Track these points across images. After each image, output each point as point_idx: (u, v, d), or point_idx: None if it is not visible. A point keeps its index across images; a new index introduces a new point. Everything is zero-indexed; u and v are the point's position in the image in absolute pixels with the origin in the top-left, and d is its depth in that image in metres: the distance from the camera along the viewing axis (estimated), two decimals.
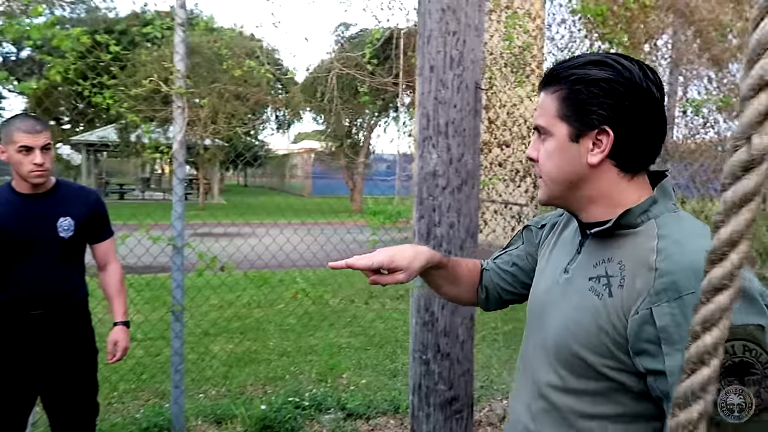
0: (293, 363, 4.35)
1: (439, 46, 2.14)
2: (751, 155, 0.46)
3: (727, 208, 0.48)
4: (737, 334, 0.81)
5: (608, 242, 1.00)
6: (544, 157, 1.03)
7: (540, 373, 1.05)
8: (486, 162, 3.55)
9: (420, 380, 2.36)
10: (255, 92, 3.94)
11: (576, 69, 0.98)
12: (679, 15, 3.41)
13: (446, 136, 2.18)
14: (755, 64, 0.46)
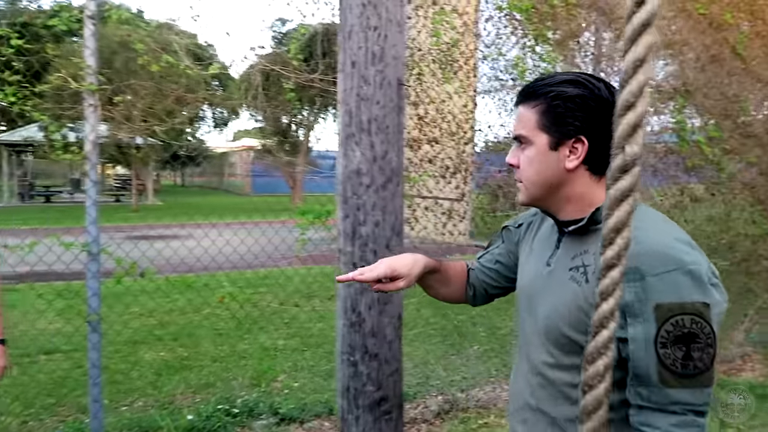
0: (226, 369, 4.22)
1: (361, 41, 2.09)
2: (625, 160, 0.57)
3: (611, 203, 0.59)
4: (686, 309, 0.98)
5: (583, 237, 1.15)
6: (524, 163, 1.17)
7: (535, 354, 1.20)
8: (416, 159, 3.54)
9: (348, 382, 2.31)
10: (175, 89, 3.79)
11: (553, 86, 1.13)
12: (601, 13, 3.50)
13: (369, 133, 2.13)
14: (625, 86, 0.56)
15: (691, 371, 0.98)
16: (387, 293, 2.02)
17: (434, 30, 2.99)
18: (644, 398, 1.02)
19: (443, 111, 3.46)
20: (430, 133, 3.48)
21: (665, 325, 0.99)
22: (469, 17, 3.39)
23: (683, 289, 0.99)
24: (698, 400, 0.99)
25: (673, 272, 1.00)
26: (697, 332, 0.98)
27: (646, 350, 1.00)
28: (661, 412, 1.00)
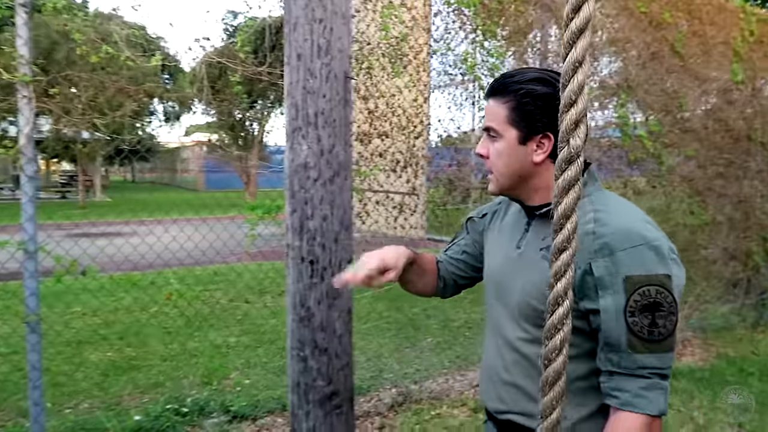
0: (176, 367, 4.13)
1: (306, 33, 2.07)
2: (570, 152, 0.63)
3: (559, 192, 0.64)
4: (652, 280, 1.07)
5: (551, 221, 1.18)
6: (494, 155, 1.24)
7: (508, 331, 1.27)
8: (367, 153, 3.54)
9: (298, 378, 2.30)
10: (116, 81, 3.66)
11: (523, 84, 1.20)
12: (546, 9, 3.58)
13: (316, 126, 2.12)
14: (566, 85, 0.62)
15: (656, 337, 1.07)
16: (338, 289, 1.99)
17: (383, 24, 2.99)
18: (614, 364, 1.09)
19: (393, 105, 3.47)
20: (380, 127, 3.49)
21: (633, 295, 1.07)
22: (417, 12, 3.40)
23: (648, 262, 1.09)
24: (663, 364, 1.08)
25: (639, 247, 1.10)
26: (661, 301, 1.07)
27: (616, 319, 1.08)
28: (630, 377, 1.08)
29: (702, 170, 4.83)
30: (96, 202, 20.11)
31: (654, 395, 1.07)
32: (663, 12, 4.38)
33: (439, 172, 3.73)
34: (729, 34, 4.88)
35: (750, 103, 5.12)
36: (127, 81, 3.94)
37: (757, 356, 4.55)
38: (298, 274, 2.22)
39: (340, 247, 2.23)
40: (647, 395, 1.07)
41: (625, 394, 1.08)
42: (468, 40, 3.44)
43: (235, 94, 2.85)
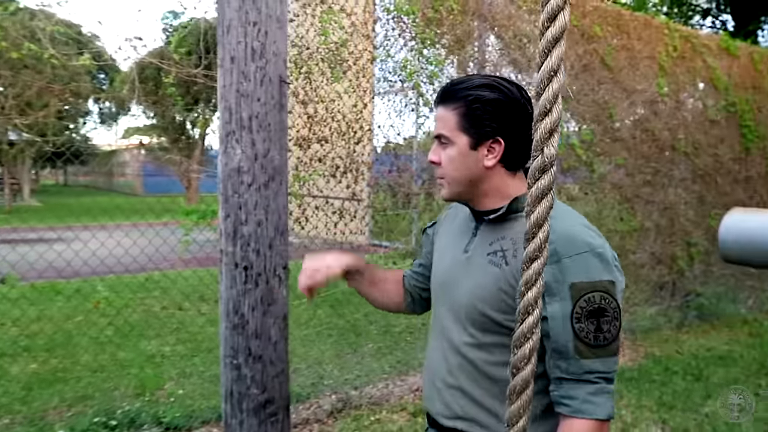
0: (106, 379, 3.96)
1: (240, 36, 2.04)
2: (544, 162, 0.62)
3: (532, 200, 0.63)
4: (597, 287, 1.09)
5: (500, 225, 1.25)
6: (446, 161, 1.25)
7: (453, 335, 1.27)
8: (306, 158, 3.52)
9: (232, 386, 2.25)
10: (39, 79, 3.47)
11: (472, 90, 1.22)
12: (483, 20, 3.67)
13: (250, 130, 2.09)
14: (541, 94, 0.62)
15: (601, 342, 1.09)
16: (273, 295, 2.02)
17: (322, 29, 2.99)
18: (563, 370, 1.11)
19: (333, 110, 3.46)
20: (319, 132, 3.47)
21: (579, 301, 1.09)
22: (357, 18, 3.42)
23: (593, 269, 1.11)
24: (608, 368, 1.10)
25: (584, 254, 1.12)
26: (606, 307, 1.10)
27: (563, 326, 1.10)
28: (577, 382, 1.10)
29: (630, 178, 5.06)
30: (23, 206, 19.09)
31: (602, 400, 1.09)
32: (594, 26, 4.58)
33: (379, 177, 3.75)
34: (654, 48, 5.14)
35: (674, 114, 5.41)
36: (52, 79, 3.74)
37: (681, 355, 4.79)
38: (232, 280, 2.17)
39: (275, 252, 2.20)
40: (595, 400, 1.09)
41: (575, 401, 1.10)
42: (407, 47, 3.49)
43: (169, 96, 2.77)
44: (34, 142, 13.04)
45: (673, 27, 5.44)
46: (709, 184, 5.75)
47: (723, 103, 5.80)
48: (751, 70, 6.12)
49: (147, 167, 25.20)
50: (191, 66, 2.91)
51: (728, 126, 5.88)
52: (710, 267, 5.83)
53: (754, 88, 6.14)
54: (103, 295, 4.31)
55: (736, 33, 13.20)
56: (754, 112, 6.08)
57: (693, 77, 5.59)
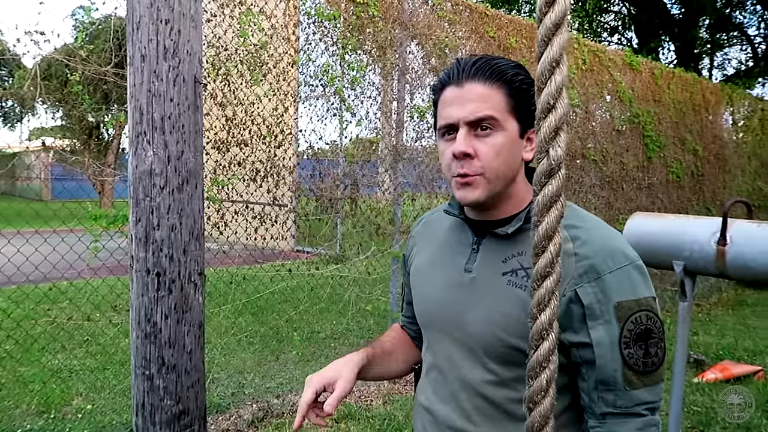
0: (5, 397, 3.68)
1: (151, 34, 1.97)
2: (550, 164, 0.55)
3: (540, 210, 0.55)
4: (642, 306, 0.96)
5: (512, 238, 1.04)
6: (490, 153, 0.99)
7: (467, 373, 1.06)
8: (224, 161, 3.44)
9: (144, 398, 2.15)
10: None
11: (511, 69, 1.00)
12: (404, 28, 3.72)
13: (163, 131, 2.02)
14: (542, 90, 0.55)
15: (650, 368, 0.96)
16: (190, 304, 1.87)
17: (241, 30, 2.93)
18: (610, 404, 0.96)
19: (252, 113, 3.40)
20: (239, 135, 3.40)
21: (627, 323, 0.95)
22: (278, 20, 3.38)
23: (636, 284, 0.97)
24: (656, 397, 0.98)
25: (625, 267, 0.97)
26: (652, 327, 0.97)
27: (611, 353, 0.95)
28: (625, 417, 0.96)
29: None
30: None
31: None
32: (510, 38, 4.76)
33: (301, 182, 3.72)
34: None
35: (584, 124, 5.72)
36: None
37: None
38: (143, 287, 2.09)
39: (190, 258, 2.13)
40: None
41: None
42: (329, 52, 3.49)
43: (75, 95, 2.62)
44: None
45: (583, 41, 5.76)
46: (616, 190, 6.11)
47: (628, 114, 6.19)
48: (652, 84, 6.58)
49: (55, 171, 23.72)
50: (101, 64, 2.76)
51: (632, 136, 6.29)
52: None
53: (655, 101, 6.60)
54: (1, 306, 3.98)
55: (640, 50, 14.16)
56: (655, 124, 6.53)
57: (601, 90, 5.94)
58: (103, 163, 16.22)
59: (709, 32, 17.05)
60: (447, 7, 4.16)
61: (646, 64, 6.54)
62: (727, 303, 7.34)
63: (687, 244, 2.61)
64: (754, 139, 8.82)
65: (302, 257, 4.30)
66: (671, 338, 5.43)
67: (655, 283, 5.81)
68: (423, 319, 1.19)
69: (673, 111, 6.84)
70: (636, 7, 16.51)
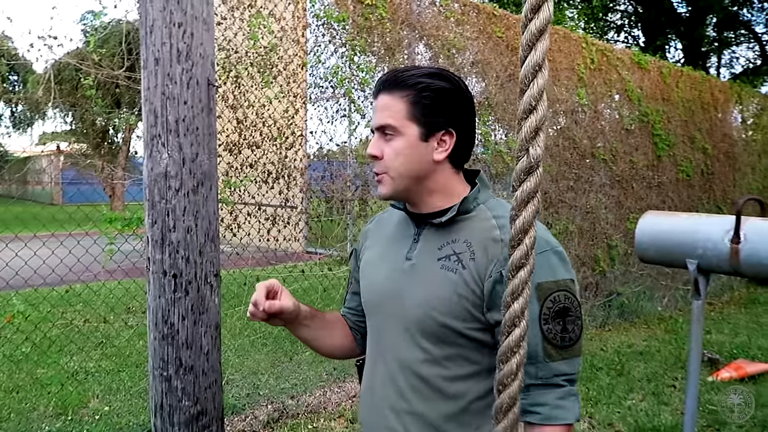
0: (24, 399, 3.72)
1: (164, 37, 1.99)
2: (529, 162, 0.58)
3: (518, 204, 0.59)
4: (560, 286, 1.07)
5: (447, 228, 1.15)
6: (391, 154, 1.13)
7: (402, 353, 1.16)
8: (236, 163, 3.46)
9: (162, 399, 2.17)
10: None
11: (421, 78, 1.12)
12: (412, 29, 3.74)
13: (177, 134, 2.04)
14: (525, 92, 0.58)
15: (568, 343, 1.07)
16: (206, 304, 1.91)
17: (251, 33, 2.95)
18: (532, 376, 1.05)
19: (263, 115, 3.43)
20: (250, 137, 3.43)
21: (546, 302, 1.06)
22: (287, 23, 3.40)
23: (556, 268, 1.08)
24: (573, 370, 1.08)
25: (546, 253, 1.07)
26: (569, 306, 1.07)
27: (532, 328, 1.03)
28: (546, 387, 1.06)
29: (555, 184, 5.29)
30: None
31: (570, 404, 1.06)
32: (518, 38, 4.77)
33: (312, 183, 3.74)
34: (574, 61, 5.41)
35: (593, 123, 5.70)
36: None
37: (605, 352, 5.03)
38: (160, 288, 2.11)
39: (206, 259, 2.15)
40: (564, 405, 1.06)
41: (545, 408, 1.05)
42: (338, 54, 3.50)
43: (88, 99, 2.64)
44: None
45: (590, 41, 5.76)
46: (626, 189, 6.09)
47: (637, 113, 6.17)
48: (661, 83, 6.55)
49: (67, 175, 23.90)
50: (113, 67, 2.80)
51: (642, 135, 6.27)
52: (629, 268, 6.17)
53: (663, 99, 6.57)
54: (19, 309, 4.03)
55: (646, 48, 14.09)
56: (664, 122, 6.51)
57: (609, 89, 5.92)
58: (116, 166, 16.34)
59: (716, 30, 16.95)
60: (455, 7, 4.18)
61: (654, 63, 6.52)
62: (739, 301, 7.29)
63: (700, 243, 2.59)
64: (764, 136, 8.77)
65: (314, 258, 4.33)
66: (684, 337, 5.43)
67: (666, 282, 5.77)
68: (369, 306, 1.28)
69: (682, 109, 6.81)
70: (642, 6, 16.44)
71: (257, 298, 1.24)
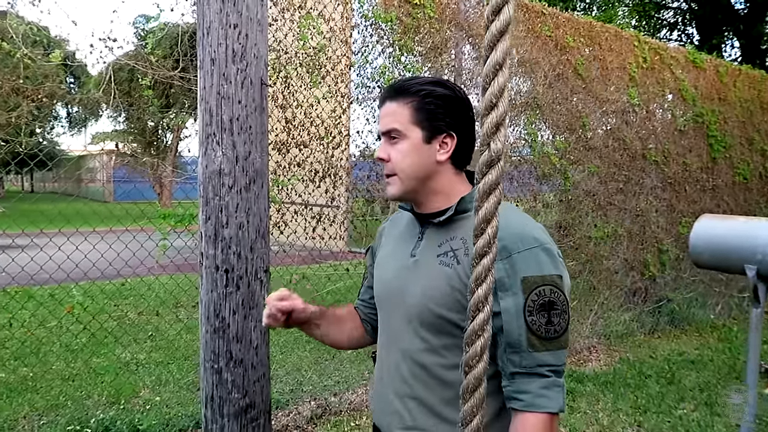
0: (79, 387, 3.88)
1: (221, 38, 2.04)
2: (491, 156, 0.61)
3: (481, 195, 0.62)
4: (546, 281, 1.12)
5: (447, 226, 1.25)
6: (397, 156, 1.24)
7: (405, 342, 1.25)
8: (284, 162, 3.52)
9: (212, 391, 2.23)
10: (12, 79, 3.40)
11: (423, 85, 1.23)
12: (460, 28, 3.72)
13: (231, 133, 2.09)
14: (487, 88, 0.60)
15: (552, 335, 1.12)
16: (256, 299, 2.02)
17: (301, 34, 3.00)
18: (516, 364, 1.12)
19: (311, 115, 3.47)
20: (298, 136, 3.48)
21: (531, 295, 1.12)
22: (336, 23, 3.44)
23: (543, 263, 1.14)
24: (558, 361, 1.12)
25: (533, 249, 1.14)
26: (555, 300, 1.13)
27: (516, 319, 1.11)
28: (530, 376, 1.11)
29: (603, 186, 5.17)
30: None
31: (553, 393, 1.11)
32: (567, 36, 4.68)
33: (358, 183, 3.77)
34: (625, 60, 5.28)
35: (644, 124, 5.55)
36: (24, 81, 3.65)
37: (655, 360, 4.89)
38: (213, 283, 2.16)
39: (257, 255, 2.20)
40: (547, 394, 1.10)
41: (528, 395, 1.11)
42: (385, 54, 3.52)
43: (146, 99, 2.74)
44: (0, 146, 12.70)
45: (643, 39, 5.60)
46: (678, 192, 5.90)
47: (691, 113, 5.97)
48: (717, 82, 6.32)
49: (118, 173, 24.77)
50: (168, 68, 2.89)
51: (696, 136, 6.06)
52: (681, 273, 5.97)
53: (720, 99, 6.33)
54: (78, 300, 4.20)
55: (701, 46, 13.61)
56: (720, 123, 6.27)
57: (662, 88, 5.75)
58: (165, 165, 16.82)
59: None
60: None
61: (710, 62, 6.29)
62: None
63: (760, 247, 2.49)
64: None
65: (357, 258, 4.35)
66: (739, 346, 5.22)
67: (719, 289, 5.56)
68: (379, 299, 1.38)
69: (739, 110, 6.55)
70: (697, 3, 15.89)
71: (272, 298, 1.39)
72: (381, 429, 1.33)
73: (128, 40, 5.08)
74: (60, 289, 5.34)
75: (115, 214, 3.74)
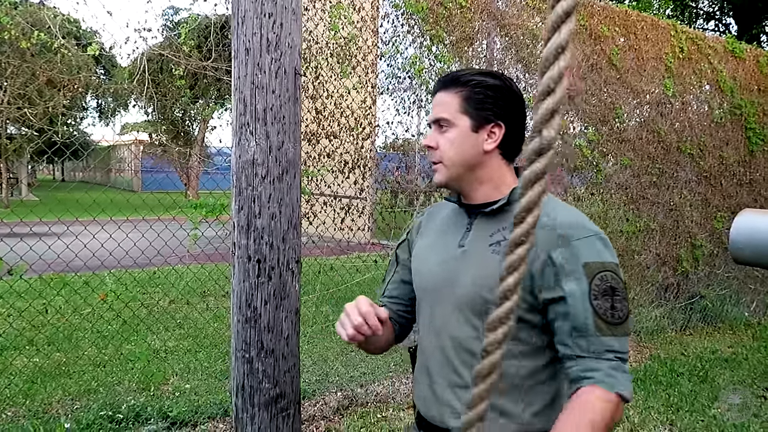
0: (110, 373, 3.95)
1: (255, 27, 2.03)
2: (541, 144, 0.58)
3: (525, 183, 0.60)
4: (607, 267, 1.14)
5: (498, 216, 1.25)
6: (445, 144, 1.25)
7: (456, 331, 1.24)
8: (314, 153, 3.51)
9: (243, 380, 2.24)
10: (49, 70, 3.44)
11: (474, 76, 1.24)
12: (492, 18, 3.65)
13: (265, 122, 2.08)
14: (545, 73, 0.57)
15: (617, 320, 1.12)
16: (286, 289, 1.99)
17: (332, 24, 2.97)
18: (583, 349, 1.11)
19: (341, 106, 3.45)
20: (328, 127, 3.46)
21: (594, 279, 1.12)
22: (366, 13, 3.40)
23: (601, 251, 1.15)
24: (623, 348, 1.12)
25: (591, 237, 1.16)
26: (616, 286, 1.14)
27: (582, 303, 1.12)
28: (598, 360, 1.10)
29: (636, 179, 5.05)
30: (22, 201, 19.03)
31: (623, 377, 1.10)
32: (601, 26, 4.57)
33: (386, 174, 3.74)
34: (661, 50, 5.13)
35: (680, 116, 5.40)
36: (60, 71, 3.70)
37: (686, 357, 4.79)
38: (245, 273, 2.16)
39: (288, 246, 2.19)
40: (617, 376, 1.09)
41: (598, 373, 1.09)
42: (416, 44, 3.47)
43: (178, 89, 2.76)
44: (34, 136, 12.96)
45: (680, 29, 5.44)
46: (714, 186, 5.74)
47: (728, 105, 5.79)
48: (757, 73, 6.11)
49: (146, 163, 25.14)
50: (200, 59, 2.90)
51: (733, 128, 5.88)
52: (714, 269, 5.83)
53: (760, 91, 6.13)
54: (111, 288, 4.27)
55: (740, 36, 13.21)
56: (759, 115, 6.07)
57: (699, 79, 5.58)
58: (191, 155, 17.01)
59: None
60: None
61: (750, 51, 6.09)
62: None
63: None
64: None
65: (383, 249, 4.34)
66: None
67: (754, 286, 5.41)
68: (422, 290, 1.35)
69: None
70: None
71: (360, 312, 1.22)
72: (431, 421, 1.30)
73: (160, 30, 5.11)
74: (94, 276, 5.44)
75: (147, 204, 3.78)
